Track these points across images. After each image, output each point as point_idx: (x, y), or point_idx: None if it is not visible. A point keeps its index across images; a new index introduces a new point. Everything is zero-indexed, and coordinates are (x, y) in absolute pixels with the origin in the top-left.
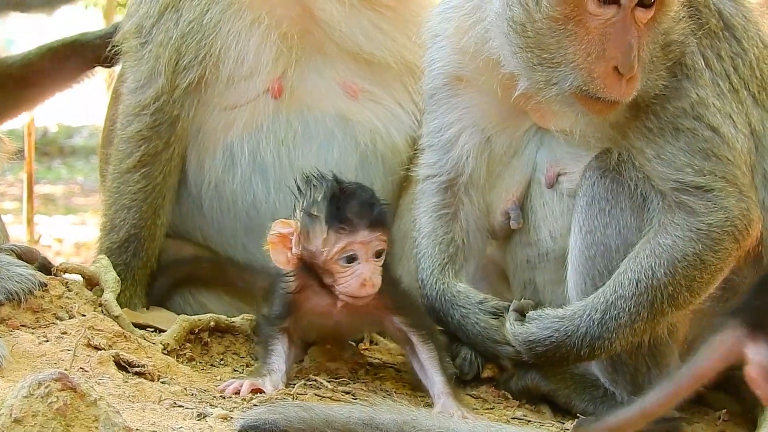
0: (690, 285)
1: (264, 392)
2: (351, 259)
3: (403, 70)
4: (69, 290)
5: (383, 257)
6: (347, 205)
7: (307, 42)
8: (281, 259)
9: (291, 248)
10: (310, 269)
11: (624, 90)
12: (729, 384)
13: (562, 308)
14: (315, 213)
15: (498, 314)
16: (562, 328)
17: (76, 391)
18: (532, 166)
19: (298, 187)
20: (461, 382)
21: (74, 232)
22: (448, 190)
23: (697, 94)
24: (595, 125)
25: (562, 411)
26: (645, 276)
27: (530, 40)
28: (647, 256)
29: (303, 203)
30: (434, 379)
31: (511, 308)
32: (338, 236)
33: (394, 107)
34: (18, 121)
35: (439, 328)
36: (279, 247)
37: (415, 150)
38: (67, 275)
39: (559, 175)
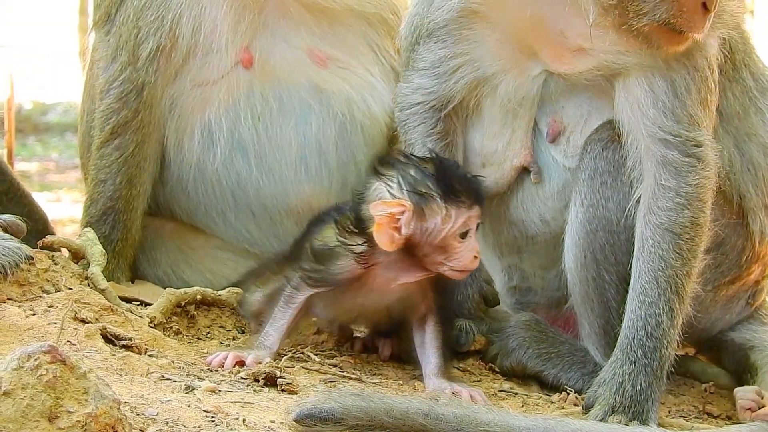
0: (691, 249)
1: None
2: (465, 234)
3: (365, 26)
4: (55, 263)
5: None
6: (457, 180)
7: (268, 4)
8: (386, 240)
9: (398, 228)
10: (410, 249)
11: (705, 26)
12: (715, 356)
13: (609, 358)
14: (424, 190)
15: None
16: (626, 366)
17: (65, 364)
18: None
19: (375, 169)
20: (456, 353)
21: (49, 209)
22: (440, 121)
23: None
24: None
25: (551, 384)
26: (660, 268)
27: None
28: (652, 246)
29: (402, 182)
30: (431, 359)
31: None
32: (459, 211)
33: (364, 74)
34: None
35: None
36: (386, 228)
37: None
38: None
39: (560, 133)
